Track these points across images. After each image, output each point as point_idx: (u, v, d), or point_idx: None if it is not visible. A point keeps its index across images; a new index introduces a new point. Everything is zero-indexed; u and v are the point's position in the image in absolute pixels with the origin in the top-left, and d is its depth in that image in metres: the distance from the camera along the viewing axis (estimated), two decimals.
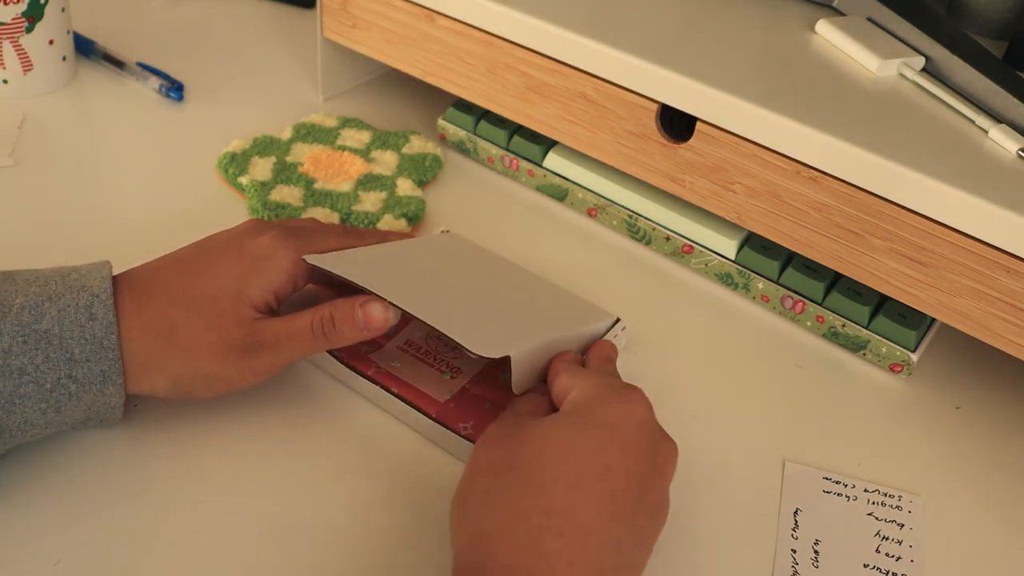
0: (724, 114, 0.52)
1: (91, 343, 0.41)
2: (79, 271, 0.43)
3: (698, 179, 0.56)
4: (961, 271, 0.48)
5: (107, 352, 0.41)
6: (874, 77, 0.55)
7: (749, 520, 0.45)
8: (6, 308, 0.40)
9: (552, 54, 0.58)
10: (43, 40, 0.68)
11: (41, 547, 0.40)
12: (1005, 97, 0.51)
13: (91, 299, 0.41)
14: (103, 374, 0.41)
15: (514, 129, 0.66)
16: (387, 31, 0.66)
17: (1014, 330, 0.47)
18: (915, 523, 0.46)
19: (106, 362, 0.41)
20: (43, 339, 0.40)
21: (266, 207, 0.59)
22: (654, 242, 0.61)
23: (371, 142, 0.67)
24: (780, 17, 0.62)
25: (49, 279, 0.42)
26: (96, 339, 0.41)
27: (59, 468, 0.43)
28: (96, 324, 0.41)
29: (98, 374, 0.41)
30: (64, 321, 0.41)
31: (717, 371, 0.53)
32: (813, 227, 0.52)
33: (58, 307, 0.41)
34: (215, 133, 0.67)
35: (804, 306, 0.56)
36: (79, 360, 0.41)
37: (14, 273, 0.42)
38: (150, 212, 0.60)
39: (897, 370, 0.54)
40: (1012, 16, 0.66)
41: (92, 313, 0.41)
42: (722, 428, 0.50)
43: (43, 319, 0.40)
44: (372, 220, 0.60)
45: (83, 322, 0.41)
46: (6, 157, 0.63)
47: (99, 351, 0.41)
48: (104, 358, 0.41)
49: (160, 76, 0.72)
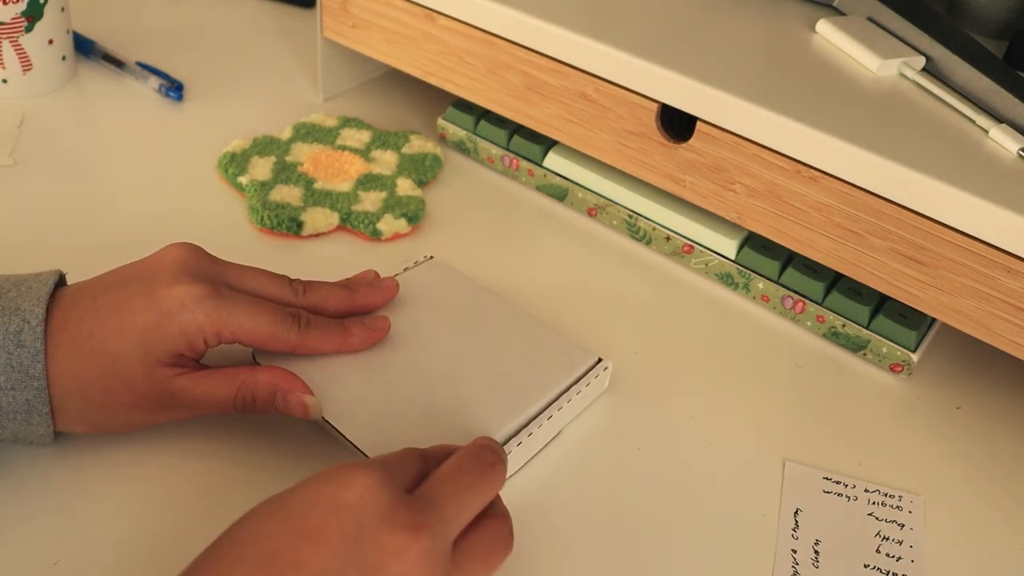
0: (724, 114, 0.52)
1: (17, 371, 0.39)
2: (20, 287, 0.41)
3: (698, 179, 0.56)
4: (961, 271, 0.48)
5: (33, 381, 0.39)
6: (874, 77, 0.55)
7: (749, 520, 0.45)
8: None
9: (552, 54, 0.58)
10: (43, 40, 0.68)
11: (41, 547, 0.40)
12: (1005, 97, 0.51)
13: (21, 324, 0.39)
14: (28, 403, 0.39)
15: (514, 129, 0.66)
16: (387, 31, 0.66)
17: (1014, 330, 0.47)
18: (915, 523, 0.46)
19: (31, 391, 0.39)
20: None
21: (266, 207, 0.59)
22: (654, 242, 0.61)
23: (371, 142, 0.67)
24: (780, 17, 0.62)
25: None
26: (23, 367, 0.39)
27: (60, 468, 0.43)
28: (24, 352, 0.39)
29: (23, 403, 0.39)
30: None
31: (717, 371, 0.53)
32: (813, 227, 0.52)
33: None
34: (215, 133, 0.67)
35: (804, 306, 0.56)
36: (3, 388, 0.39)
37: None
38: (150, 212, 0.60)
39: (897, 370, 0.54)
40: (1012, 16, 0.66)
41: (20, 340, 0.39)
42: (722, 428, 0.50)
43: None
44: (372, 220, 0.60)
45: (11, 348, 0.39)
46: (6, 157, 0.63)
47: (24, 380, 0.39)
48: (30, 387, 0.39)
49: (160, 76, 0.72)
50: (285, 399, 0.43)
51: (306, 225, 0.59)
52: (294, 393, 0.43)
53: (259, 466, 0.45)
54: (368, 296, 0.49)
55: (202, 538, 0.42)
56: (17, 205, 0.59)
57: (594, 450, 0.47)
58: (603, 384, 0.49)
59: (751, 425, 0.50)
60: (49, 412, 0.40)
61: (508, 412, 0.45)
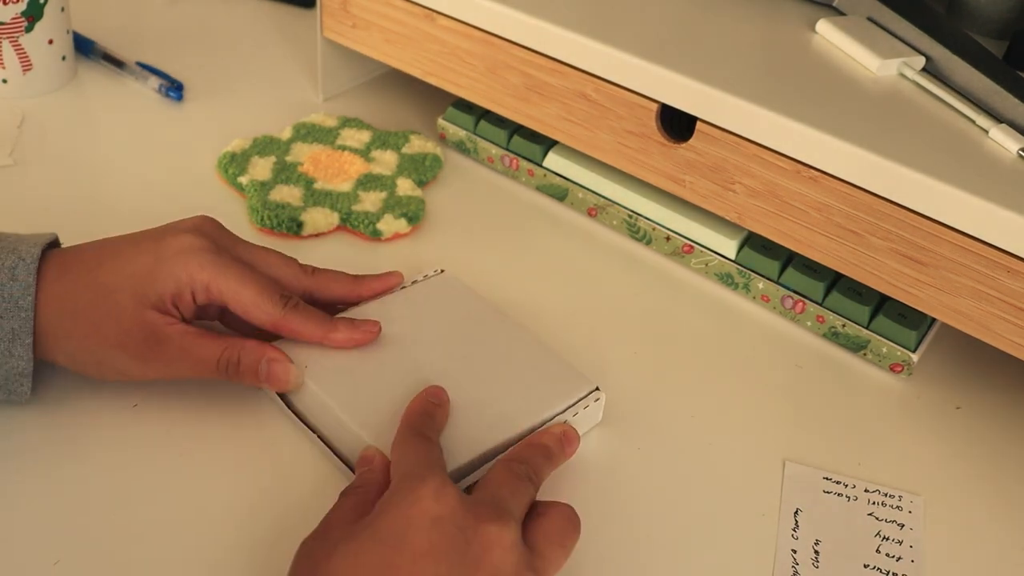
0: (724, 114, 0.52)
1: (7, 301, 0.42)
2: (20, 237, 0.44)
3: (698, 179, 0.56)
4: (961, 271, 0.48)
5: (20, 312, 0.42)
6: (874, 77, 0.55)
7: (749, 520, 0.45)
8: None
9: (552, 54, 0.58)
10: (43, 40, 0.68)
11: (41, 547, 0.40)
12: (1005, 97, 0.51)
13: (16, 261, 0.42)
14: (13, 332, 0.42)
15: (514, 129, 0.66)
16: (387, 31, 0.66)
17: (1014, 330, 0.47)
18: (915, 523, 0.46)
19: (18, 321, 0.42)
20: None
21: (266, 207, 0.59)
22: (654, 242, 0.61)
23: (371, 142, 0.67)
24: (780, 17, 0.62)
25: None
26: (12, 299, 0.42)
27: (61, 467, 0.43)
28: (16, 285, 0.42)
29: (8, 331, 0.42)
30: None
31: (717, 371, 0.53)
32: (813, 227, 0.52)
33: None
34: (215, 133, 0.67)
35: (804, 306, 0.56)
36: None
37: None
38: (150, 212, 0.60)
39: (897, 370, 0.54)
40: (1012, 16, 0.66)
41: (14, 274, 0.42)
42: (722, 428, 0.50)
43: None
44: (372, 220, 0.60)
45: (4, 281, 0.42)
46: (6, 157, 0.63)
47: (13, 310, 0.42)
48: (16, 317, 0.42)
49: (160, 76, 0.72)
50: (269, 366, 0.45)
51: (306, 225, 0.59)
52: (280, 361, 0.45)
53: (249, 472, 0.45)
54: (371, 282, 0.51)
55: (203, 536, 0.42)
56: (17, 205, 0.59)
57: (593, 450, 0.47)
58: (596, 417, 0.48)
59: (751, 425, 0.50)
60: (31, 344, 0.42)
61: (495, 430, 0.44)
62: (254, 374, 0.44)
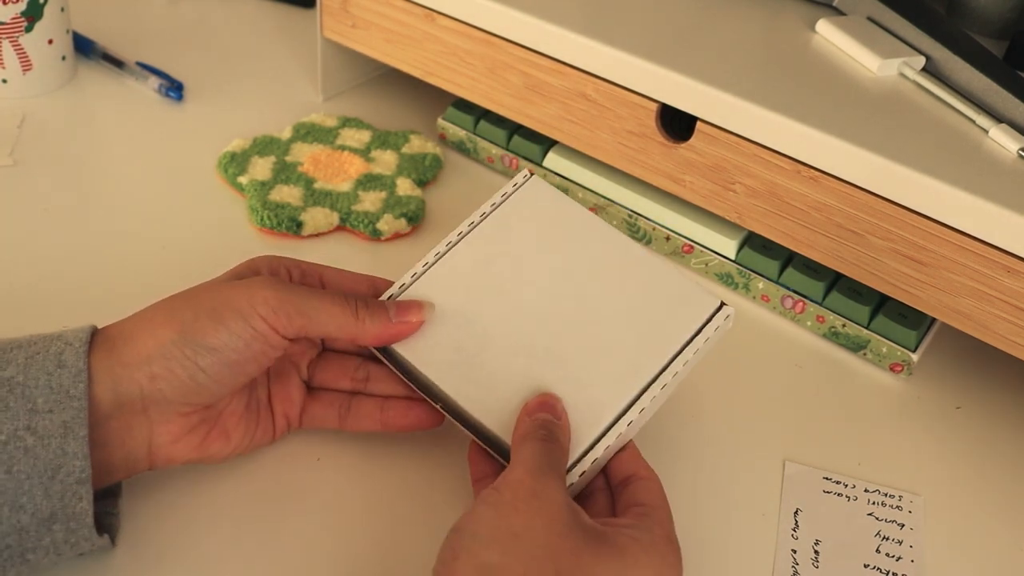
0: (724, 114, 0.52)
1: (56, 392, 0.36)
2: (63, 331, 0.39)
3: (698, 179, 0.56)
4: (961, 271, 0.48)
5: (72, 402, 0.36)
6: (874, 77, 0.55)
7: (749, 520, 0.45)
8: None
9: (552, 54, 0.58)
10: (42, 40, 0.68)
11: None
12: (1005, 97, 0.51)
13: (63, 347, 0.38)
14: (64, 425, 0.36)
15: (514, 129, 0.66)
16: (387, 31, 0.66)
17: (1014, 330, 0.47)
18: (915, 523, 0.46)
19: (70, 412, 0.36)
20: (4, 386, 0.36)
21: (265, 207, 0.59)
22: (654, 242, 0.61)
23: (371, 142, 0.67)
24: (780, 17, 0.62)
25: (27, 338, 0.39)
26: (63, 388, 0.37)
27: None
28: (64, 372, 0.37)
29: (59, 425, 0.36)
30: (31, 368, 0.37)
31: (717, 371, 0.53)
32: (813, 227, 0.52)
33: (27, 353, 0.37)
34: (215, 133, 0.67)
35: (804, 306, 0.56)
36: (41, 411, 0.36)
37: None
38: (150, 212, 0.60)
39: (897, 370, 0.54)
40: (1012, 16, 0.66)
41: (62, 360, 0.37)
42: (722, 428, 0.50)
43: (8, 366, 0.37)
44: (372, 219, 0.60)
45: (51, 369, 0.37)
46: (6, 157, 0.63)
47: (64, 400, 0.36)
48: (68, 407, 0.36)
49: (160, 76, 0.72)
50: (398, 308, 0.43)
51: (306, 225, 0.59)
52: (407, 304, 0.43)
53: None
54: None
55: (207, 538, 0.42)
56: (17, 205, 0.59)
57: None
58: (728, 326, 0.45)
59: (751, 425, 0.50)
60: (86, 436, 0.36)
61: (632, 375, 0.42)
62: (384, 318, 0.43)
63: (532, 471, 0.37)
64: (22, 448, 0.36)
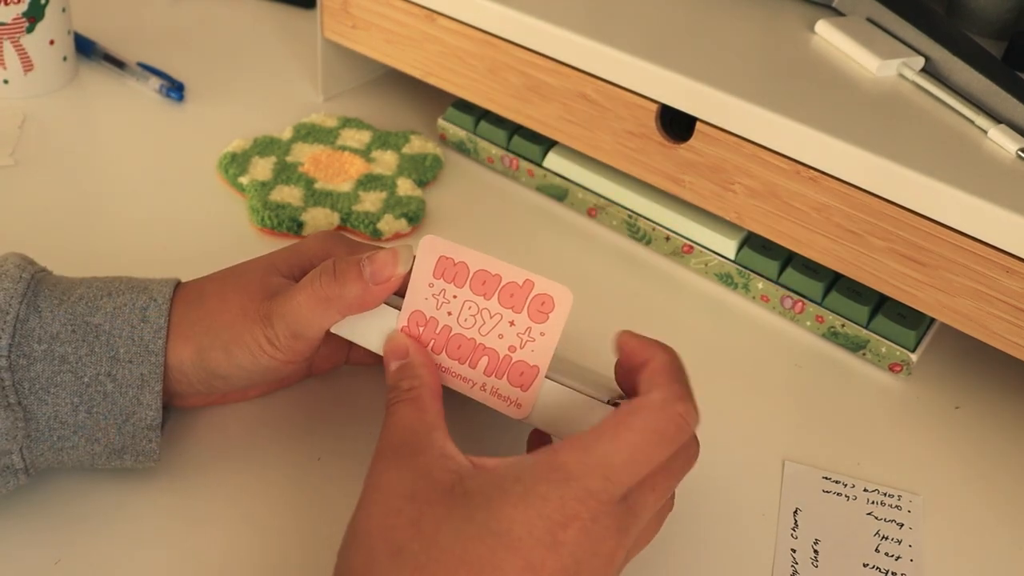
0: (724, 114, 0.52)
1: (137, 345, 0.40)
2: (150, 279, 0.43)
3: (698, 179, 0.56)
4: (961, 271, 0.48)
5: (151, 356, 0.40)
6: (874, 77, 0.55)
7: (749, 520, 0.45)
8: (66, 296, 0.41)
9: (552, 54, 0.58)
10: (44, 40, 0.68)
11: (41, 547, 0.40)
12: (1005, 97, 0.51)
13: (148, 302, 0.41)
14: (142, 378, 0.40)
15: (514, 129, 0.66)
16: (387, 31, 0.66)
17: (1014, 330, 0.47)
18: (915, 523, 0.46)
19: (147, 366, 0.40)
20: (91, 332, 0.40)
21: (266, 207, 0.59)
22: (654, 242, 0.61)
23: (371, 142, 0.67)
24: (780, 17, 0.62)
25: (117, 280, 0.42)
26: (143, 342, 0.40)
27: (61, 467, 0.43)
28: (147, 327, 0.40)
29: (137, 377, 0.40)
30: (116, 318, 0.40)
31: (717, 371, 0.54)
32: (813, 227, 0.52)
33: (114, 304, 0.41)
34: (215, 133, 0.67)
35: (804, 306, 0.56)
36: (122, 360, 0.40)
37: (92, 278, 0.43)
38: (150, 212, 0.60)
39: (897, 370, 0.54)
40: (1012, 16, 0.66)
41: (145, 315, 0.41)
42: (722, 428, 0.50)
43: (96, 313, 0.40)
44: (372, 220, 0.60)
45: (135, 323, 0.40)
46: (7, 157, 0.63)
47: (143, 354, 0.40)
48: (147, 361, 0.40)
49: (160, 76, 0.72)
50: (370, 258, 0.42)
51: (307, 225, 0.59)
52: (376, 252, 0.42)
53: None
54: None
55: (205, 536, 0.42)
56: (17, 205, 0.59)
57: None
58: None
59: (751, 425, 0.50)
60: (160, 390, 0.40)
61: None
62: (357, 275, 0.41)
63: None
64: (102, 392, 0.40)
